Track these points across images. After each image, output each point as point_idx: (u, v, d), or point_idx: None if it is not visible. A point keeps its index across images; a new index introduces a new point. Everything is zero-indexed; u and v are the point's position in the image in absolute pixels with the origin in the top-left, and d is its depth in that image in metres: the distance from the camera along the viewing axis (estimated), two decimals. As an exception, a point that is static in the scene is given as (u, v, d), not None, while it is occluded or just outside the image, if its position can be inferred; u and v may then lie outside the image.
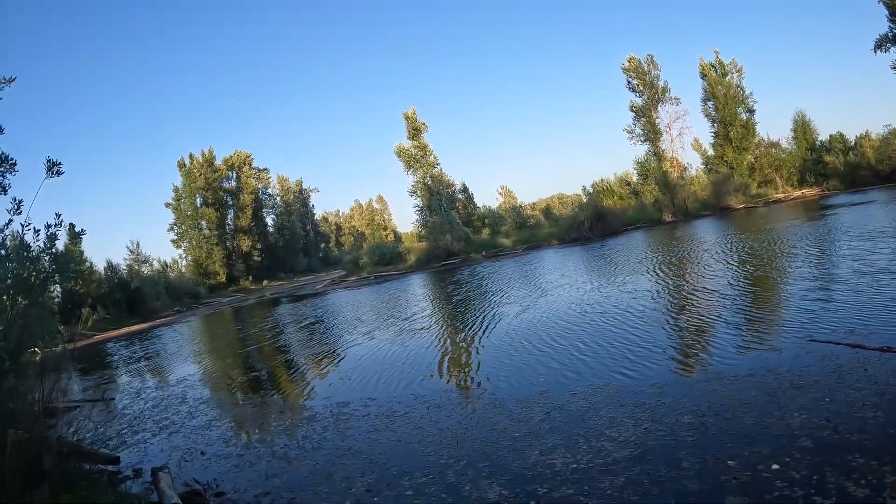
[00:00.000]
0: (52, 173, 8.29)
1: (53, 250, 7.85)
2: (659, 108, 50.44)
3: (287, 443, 9.38)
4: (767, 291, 14.31)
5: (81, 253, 40.80)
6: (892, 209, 26.67)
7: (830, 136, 48.81)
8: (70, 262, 7.73)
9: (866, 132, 46.23)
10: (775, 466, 5.54)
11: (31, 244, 7.78)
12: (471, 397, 10.31)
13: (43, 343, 7.41)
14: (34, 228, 7.86)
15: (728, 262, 19.99)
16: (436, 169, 52.15)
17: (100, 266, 43.47)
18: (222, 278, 61.51)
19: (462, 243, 47.99)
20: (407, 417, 9.67)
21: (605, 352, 11.36)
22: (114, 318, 38.39)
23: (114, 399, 14.58)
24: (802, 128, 48.95)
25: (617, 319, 13.81)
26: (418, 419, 9.49)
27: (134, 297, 40.92)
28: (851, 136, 48.15)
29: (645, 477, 6.05)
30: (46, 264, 7.75)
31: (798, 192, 45.16)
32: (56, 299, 38.44)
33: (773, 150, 50.21)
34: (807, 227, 26.02)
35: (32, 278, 7.13)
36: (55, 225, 7.86)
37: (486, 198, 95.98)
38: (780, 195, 45.50)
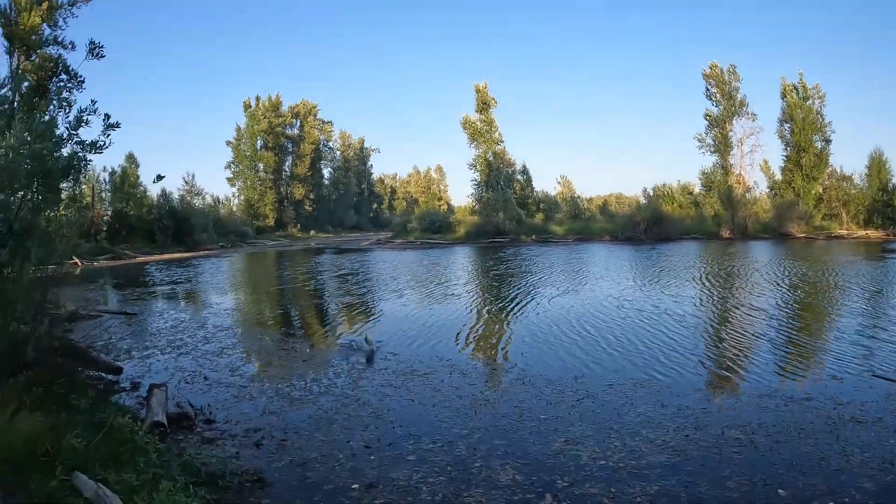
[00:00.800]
0: (93, 55, 7.68)
1: (80, 137, 7.20)
2: (734, 122, 48.82)
3: (294, 383, 8.77)
4: (820, 320, 13.43)
5: (137, 177, 41.26)
6: None
7: None
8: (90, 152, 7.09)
9: None
10: None
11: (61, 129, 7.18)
12: (497, 369, 9.62)
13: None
14: (65, 113, 7.25)
15: (780, 285, 19.02)
16: (499, 146, 51.46)
17: (153, 192, 43.79)
18: (271, 222, 61.85)
19: (514, 223, 47.18)
20: (426, 378, 8.97)
21: (643, 349, 10.73)
22: (159, 243, 38.70)
23: (136, 315, 14.23)
24: (877, 167, 46.15)
25: (657, 320, 13.10)
26: (437, 382, 8.79)
27: (182, 227, 41.13)
28: None
29: (682, 490, 5.25)
30: (72, 149, 7.14)
31: (862, 232, 42.98)
32: (105, 217, 39.26)
33: (844, 184, 47.77)
34: (866, 266, 24.86)
35: (49, 161, 6.52)
36: (87, 110, 7.23)
37: (544, 184, 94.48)
38: (843, 231, 43.45)
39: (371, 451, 6.19)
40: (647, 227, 42.86)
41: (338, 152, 76.60)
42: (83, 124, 7.19)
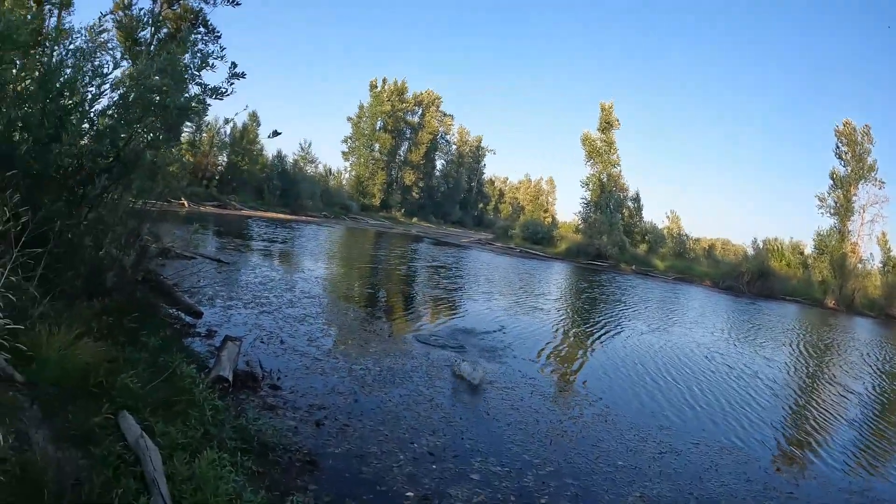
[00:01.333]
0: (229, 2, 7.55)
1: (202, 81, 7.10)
2: (859, 186, 45.13)
3: (369, 367, 8.40)
4: None
5: (256, 134, 42.55)
6: None
7: None
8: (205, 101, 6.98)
9: None
10: None
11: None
12: (580, 399, 8.94)
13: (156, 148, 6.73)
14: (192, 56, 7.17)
15: (880, 371, 17.21)
16: (615, 169, 50.06)
17: (269, 152, 45.01)
18: (376, 202, 62.70)
19: (616, 249, 45.92)
20: (505, 393, 8.44)
21: (730, 411, 9.95)
22: (266, 201, 39.76)
23: (228, 264, 14.33)
24: None
25: (747, 382, 12.08)
26: (516, 399, 8.25)
27: (290, 189, 42.21)
28: None
29: None
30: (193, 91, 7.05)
31: None
32: (219, 166, 40.75)
33: None
34: None
35: (168, 98, 6.42)
36: (213, 54, 7.14)
37: (651, 215, 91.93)
38: None
39: (434, 458, 5.76)
40: (752, 279, 40.46)
41: (454, 146, 76.88)
42: (207, 67, 7.08)
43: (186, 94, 6.81)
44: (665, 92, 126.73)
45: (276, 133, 6.58)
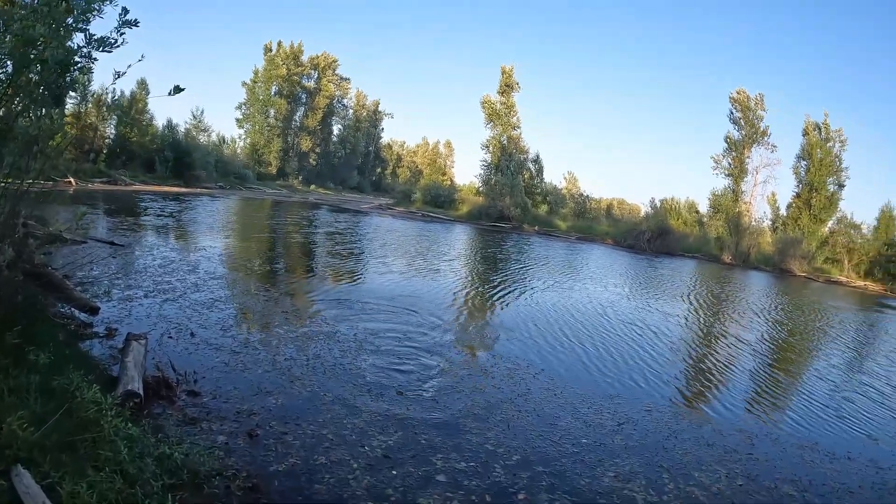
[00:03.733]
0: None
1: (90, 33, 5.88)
2: (752, 149, 48.02)
3: (294, 356, 7.50)
4: (849, 372, 12.51)
5: (146, 104, 39.79)
6: None
7: None
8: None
9: None
10: None
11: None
12: (522, 374, 8.41)
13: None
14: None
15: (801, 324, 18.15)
16: (515, 131, 50.11)
17: (159, 122, 42.30)
18: (273, 170, 60.39)
19: (518, 211, 46.13)
20: (446, 374, 7.79)
21: (678, 373, 10.11)
22: (158, 174, 37.43)
23: (123, 246, 12.86)
24: (886, 221, 45.63)
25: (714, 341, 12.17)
26: (459, 380, 7.63)
27: (183, 161, 39.59)
28: None
29: None
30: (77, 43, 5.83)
31: (861, 282, 42.38)
32: (107, 139, 37.97)
33: (852, 232, 47.31)
34: (862, 315, 24.36)
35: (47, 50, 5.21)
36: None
37: (552, 177, 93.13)
38: (843, 278, 42.73)
39: (391, 462, 5.04)
40: (652, 237, 41.90)
41: (350, 111, 74.86)
42: (94, 13, 5.89)
43: (69, 45, 5.59)
44: (564, 55, 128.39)
45: (178, 89, 5.40)
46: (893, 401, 10.32)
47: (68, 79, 5.43)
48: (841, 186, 47.67)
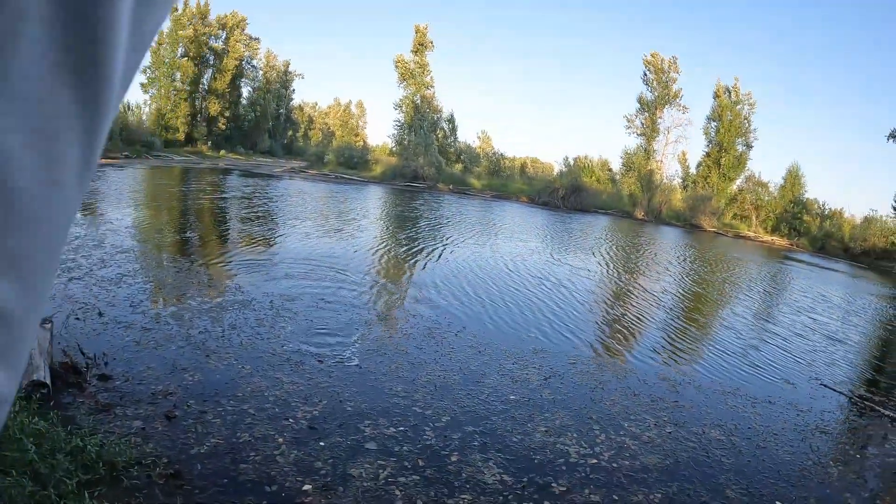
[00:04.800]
0: None
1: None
2: (664, 110, 49.35)
3: (209, 328, 7.20)
4: (762, 320, 13.48)
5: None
6: (850, 283, 26.04)
7: (808, 198, 48.55)
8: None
9: (841, 209, 46.98)
10: None
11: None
12: (443, 332, 8.43)
13: None
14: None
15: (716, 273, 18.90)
16: (429, 90, 49.70)
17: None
18: (181, 136, 57.61)
19: (433, 170, 45.92)
20: (367, 338, 7.70)
21: (601, 324, 10.54)
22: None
23: None
24: (793, 180, 48.18)
25: (626, 291, 12.55)
26: (381, 343, 7.57)
27: None
28: (833, 205, 48.33)
29: (686, 499, 4.77)
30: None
31: (768, 237, 44.83)
32: None
33: (759, 189, 49.65)
34: (767, 267, 25.95)
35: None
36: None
37: (466, 136, 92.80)
38: (751, 233, 45.23)
39: (318, 434, 4.92)
40: (566, 194, 42.58)
41: (260, 72, 71.73)
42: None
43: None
44: (478, 13, 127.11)
45: None
46: (804, 348, 10.95)
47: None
48: (749, 147, 50.07)
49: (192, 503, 3.75)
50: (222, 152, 60.03)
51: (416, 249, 15.39)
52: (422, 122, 48.30)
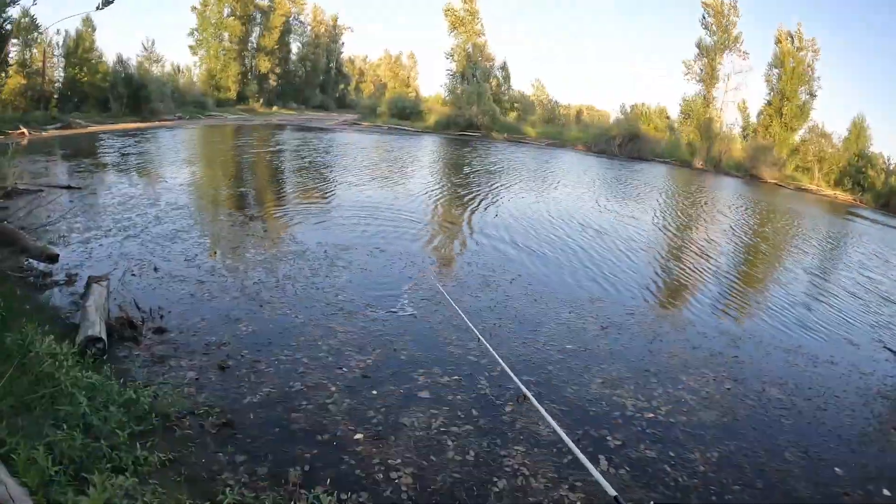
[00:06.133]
0: None
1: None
2: (724, 55, 46.66)
3: (263, 279, 7.24)
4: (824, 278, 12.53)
5: (93, 41, 37.82)
6: None
7: (873, 152, 45.62)
8: None
9: None
10: (887, 493, 4.50)
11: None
12: (497, 280, 8.35)
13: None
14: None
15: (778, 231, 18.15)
16: (480, 38, 48.70)
17: (110, 59, 40.24)
18: (233, 95, 57.99)
19: (487, 119, 45.21)
20: (421, 287, 7.62)
21: (659, 275, 10.15)
22: (114, 112, 35.94)
23: (81, 188, 12.20)
24: (857, 132, 45.26)
25: (678, 244, 12.16)
26: (435, 291, 7.44)
27: (138, 95, 37.73)
28: None
29: (743, 458, 4.57)
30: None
31: (830, 191, 42.51)
32: (57, 84, 36.19)
33: (822, 141, 47.26)
34: (830, 222, 24.36)
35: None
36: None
37: (520, 84, 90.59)
38: (813, 186, 42.78)
39: (371, 382, 4.89)
40: (623, 142, 41.52)
41: (308, 27, 71.49)
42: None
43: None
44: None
45: (106, 2, 4.85)
46: (872, 307, 10.37)
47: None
48: (812, 96, 46.95)
49: (244, 452, 3.74)
50: (275, 108, 60.40)
51: (469, 198, 15.20)
52: (474, 70, 47.51)
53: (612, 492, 1.10)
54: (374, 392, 4.72)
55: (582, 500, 3.80)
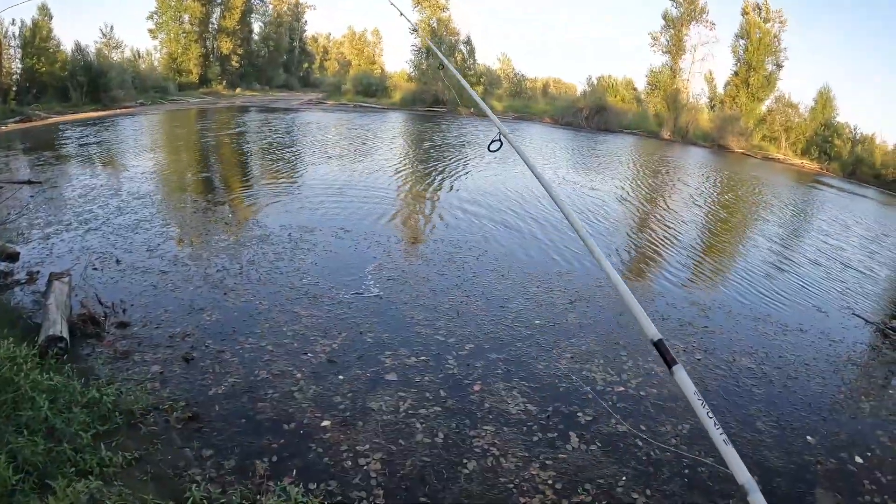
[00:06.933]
0: None
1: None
2: (691, 26, 46.39)
3: (226, 266, 7.16)
4: (789, 245, 12.64)
5: (50, 30, 36.87)
6: (882, 212, 24.41)
7: (839, 122, 46.09)
8: None
9: (873, 134, 43.72)
10: (859, 460, 4.61)
11: None
12: (464, 256, 8.35)
13: None
14: None
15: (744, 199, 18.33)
16: (444, 13, 48.06)
17: (67, 47, 39.21)
18: (195, 78, 56.78)
19: (453, 94, 44.98)
20: (387, 266, 7.61)
21: (626, 246, 10.30)
22: (74, 101, 35.15)
23: (41, 183, 11.89)
24: (823, 101, 45.44)
25: (641, 211, 12.21)
26: (401, 271, 7.48)
27: (98, 83, 36.87)
28: (865, 130, 44.71)
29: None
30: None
31: (798, 160, 42.91)
32: (15, 75, 35.19)
33: (789, 111, 47.66)
34: (797, 191, 24.63)
35: None
36: None
37: (484, 58, 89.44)
38: (780, 155, 43.11)
39: (337, 367, 4.89)
40: (590, 114, 41.32)
41: (270, 6, 70.01)
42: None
43: None
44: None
45: None
46: (836, 274, 10.55)
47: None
48: (779, 67, 47.09)
49: (210, 446, 3.74)
50: (238, 90, 59.40)
51: (434, 175, 15.10)
52: (439, 45, 47.13)
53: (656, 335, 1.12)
54: (341, 377, 4.73)
55: (553, 477, 3.84)
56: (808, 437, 4.74)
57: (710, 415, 0.96)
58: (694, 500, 3.84)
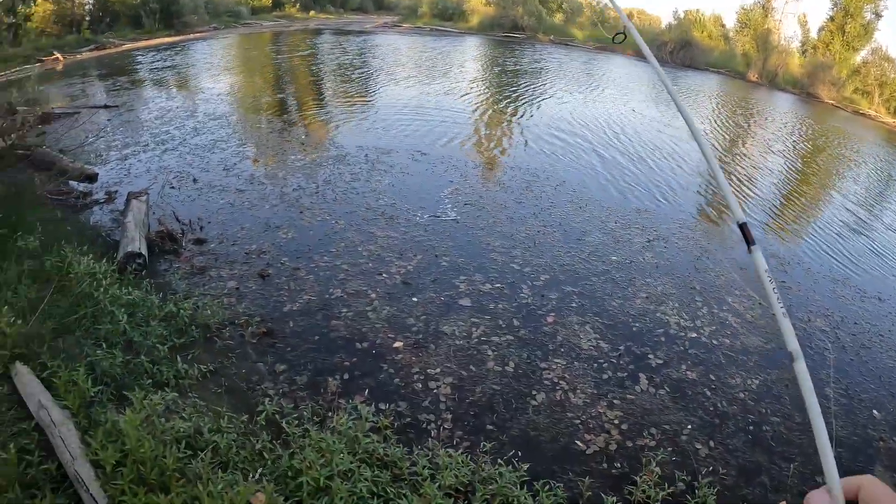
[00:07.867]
0: None
1: None
2: None
3: (303, 185, 7.14)
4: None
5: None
6: None
7: None
8: None
9: None
10: None
11: None
12: (542, 186, 8.08)
13: None
14: None
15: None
16: (527, -67, 46.34)
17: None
18: (268, 1, 56.99)
19: (533, 20, 43.50)
20: (465, 190, 7.47)
21: (707, 190, 9.57)
22: (147, 28, 35.60)
23: (118, 107, 12.05)
24: None
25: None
26: (478, 196, 7.32)
27: (171, 9, 37.28)
28: None
29: (784, 390, 4.45)
30: None
31: (890, 119, 40.01)
32: (87, 5, 35.70)
33: (885, 65, 44.30)
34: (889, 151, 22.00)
35: None
36: None
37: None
38: (872, 112, 40.23)
39: (412, 289, 4.85)
40: (675, 49, 39.41)
41: (344, -78, 69.58)
42: None
43: None
44: None
45: None
46: None
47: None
48: (878, 16, 43.51)
49: (283, 361, 3.76)
50: (312, 13, 58.85)
51: (513, 102, 14.61)
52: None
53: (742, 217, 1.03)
54: (415, 299, 4.68)
55: (619, 418, 3.74)
56: (875, 412, 4.45)
57: (776, 290, 0.91)
58: (755, 459, 3.67)
